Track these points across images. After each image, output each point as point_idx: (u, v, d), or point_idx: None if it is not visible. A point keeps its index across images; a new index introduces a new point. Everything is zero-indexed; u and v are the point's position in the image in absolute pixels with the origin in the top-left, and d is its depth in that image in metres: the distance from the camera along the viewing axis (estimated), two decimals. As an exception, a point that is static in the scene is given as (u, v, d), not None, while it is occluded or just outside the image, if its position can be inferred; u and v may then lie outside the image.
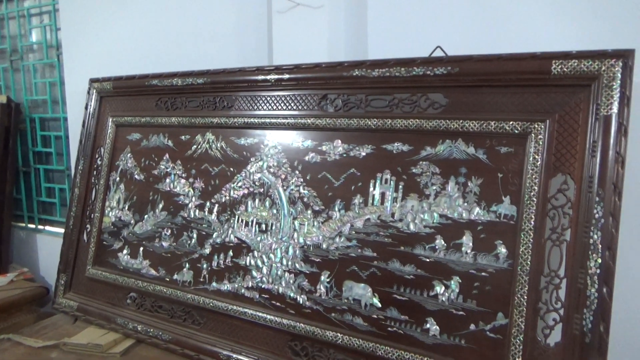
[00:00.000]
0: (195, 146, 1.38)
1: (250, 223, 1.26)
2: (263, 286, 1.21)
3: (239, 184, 1.29)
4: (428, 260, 1.02)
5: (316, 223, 1.16)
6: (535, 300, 0.90)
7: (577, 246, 0.88)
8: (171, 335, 1.30)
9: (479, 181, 0.98)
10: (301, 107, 1.20)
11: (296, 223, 1.19)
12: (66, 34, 1.93)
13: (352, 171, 1.12)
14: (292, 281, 1.17)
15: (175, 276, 1.36)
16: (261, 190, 1.25)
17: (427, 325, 1.00)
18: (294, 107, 1.21)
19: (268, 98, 1.26)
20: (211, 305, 1.27)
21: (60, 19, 1.95)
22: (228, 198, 1.30)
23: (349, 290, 1.09)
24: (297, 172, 1.20)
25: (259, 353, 1.18)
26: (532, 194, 0.92)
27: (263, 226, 1.24)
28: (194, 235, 1.35)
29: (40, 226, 2.27)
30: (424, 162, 1.04)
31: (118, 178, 1.53)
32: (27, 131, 2.21)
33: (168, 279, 1.37)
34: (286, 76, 1.20)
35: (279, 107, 1.24)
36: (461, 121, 1.00)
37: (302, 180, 1.19)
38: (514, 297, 0.91)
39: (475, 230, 0.98)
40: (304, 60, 1.20)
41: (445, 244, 1.00)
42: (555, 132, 0.91)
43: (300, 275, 1.16)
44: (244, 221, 1.27)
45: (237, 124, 1.30)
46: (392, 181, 1.07)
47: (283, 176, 1.22)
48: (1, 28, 2.26)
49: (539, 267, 0.90)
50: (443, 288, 1.00)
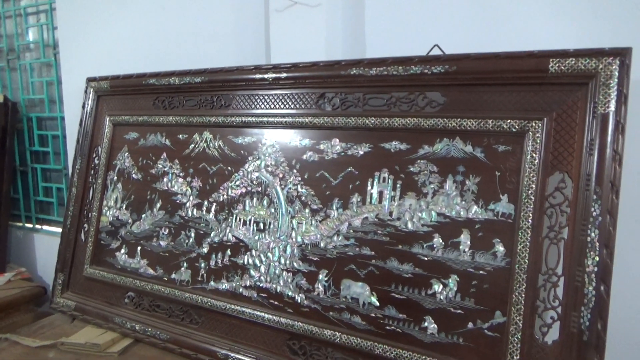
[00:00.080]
0: (192, 145, 1.38)
1: (248, 222, 1.26)
2: (261, 285, 1.21)
3: (237, 183, 1.29)
4: (426, 258, 1.02)
5: (314, 222, 1.16)
6: (533, 298, 0.90)
7: (575, 244, 0.88)
8: (169, 334, 1.29)
9: (477, 180, 0.98)
10: (299, 106, 1.20)
11: (294, 222, 1.19)
12: (63, 33, 1.92)
13: (350, 170, 1.12)
14: (290, 280, 1.17)
15: (173, 275, 1.36)
16: (259, 189, 1.25)
17: (425, 323, 1.00)
18: (292, 106, 1.21)
19: (266, 97, 1.26)
20: (209, 304, 1.26)
21: (57, 18, 1.94)
22: (226, 197, 1.30)
23: (347, 289, 1.09)
24: (295, 171, 1.20)
25: (257, 352, 1.18)
26: (530, 192, 0.92)
27: (261, 225, 1.24)
28: (192, 234, 1.34)
29: (37, 226, 2.26)
30: (422, 161, 1.04)
31: (115, 177, 1.53)
32: (24, 130, 2.20)
33: (166, 278, 1.37)
34: (284, 75, 1.20)
35: (277, 106, 1.24)
36: (459, 120, 1.00)
37: (300, 179, 1.19)
38: (512, 296, 0.92)
39: (473, 228, 0.98)
40: (302, 59, 1.20)
41: (443, 243, 1.00)
42: (552, 131, 0.91)
43: (298, 274, 1.16)
44: (242, 220, 1.27)
45: (235, 123, 1.29)
46: (390, 180, 1.07)
47: (281, 175, 1.22)
48: (-2, 27, 2.26)
49: (537, 265, 0.91)
50: (441, 286, 1.00)
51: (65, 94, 1.95)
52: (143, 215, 1.45)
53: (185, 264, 1.34)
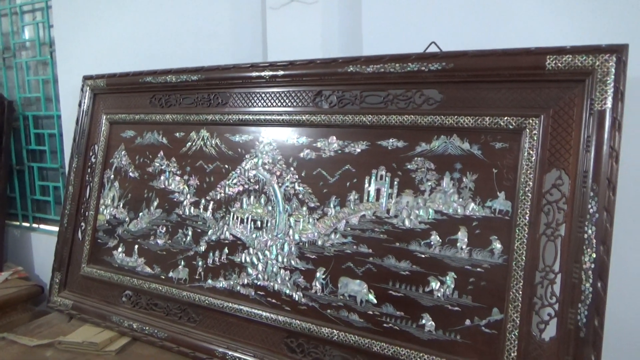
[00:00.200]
0: (189, 143, 1.38)
1: (245, 220, 1.26)
2: (258, 283, 1.21)
3: (234, 181, 1.28)
4: (423, 256, 1.02)
5: (311, 220, 1.15)
6: (530, 295, 0.90)
7: (572, 241, 0.88)
8: (167, 333, 1.29)
9: (474, 177, 0.98)
10: (296, 104, 1.20)
11: (291, 220, 1.18)
12: (59, 31, 1.91)
13: (347, 167, 1.12)
14: (288, 278, 1.17)
15: (170, 274, 1.36)
16: (256, 187, 1.25)
17: (423, 321, 1.00)
18: (289, 104, 1.21)
19: (262, 95, 1.25)
20: (207, 302, 1.26)
21: (53, 16, 1.94)
22: (223, 195, 1.30)
23: (345, 286, 1.09)
24: (292, 169, 1.19)
25: (255, 350, 1.18)
26: (527, 189, 0.92)
27: (258, 223, 1.23)
28: (189, 232, 1.34)
29: (34, 224, 2.26)
30: (419, 158, 1.04)
31: (112, 176, 1.52)
32: (21, 129, 2.19)
33: (163, 277, 1.37)
34: (280, 73, 1.19)
35: (274, 104, 1.23)
36: (456, 117, 0.99)
37: (297, 176, 1.19)
38: (509, 293, 0.92)
39: (470, 225, 0.98)
40: (299, 56, 1.19)
41: (440, 240, 1.00)
42: (549, 128, 0.91)
43: (295, 272, 1.16)
44: (239, 218, 1.27)
45: (232, 121, 1.29)
46: (387, 177, 1.07)
47: (278, 173, 1.22)
48: (-7, 25, 2.25)
49: (534, 262, 0.91)
50: (438, 284, 1.00)
51: (61, 92, 1.95)
52: (140, 213, 1.45)
53: (182, 263, 1.34)
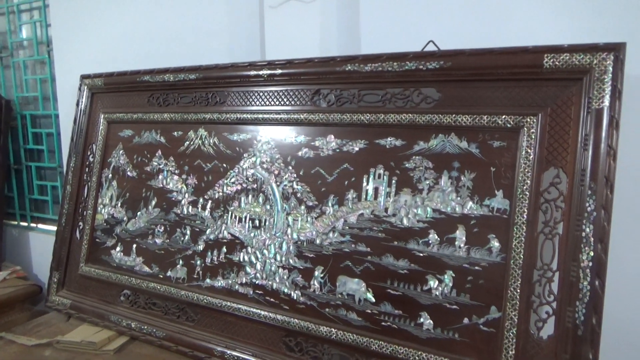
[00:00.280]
0: (187, 142, 1.38)
1: (243, 219, 1.26)
2: (257, 282, 1.21)
3: (232, 180, 1.28)
4: (421, 254, 1.02)
5: (310, 218, 1.15)
6: (528, 293, 0.90)
7: (570, 239, 0.88)
8: (165, 332, 1.29)
9: (472, 175, 0.98)
10: (294, 103, 1.20)
11: (290, 219, 1.18)
12: (56, 30, 1.91)
13: (345, 166, 1.12)
14: (286, 277, 1.17)
15: (168, 273, 1.36)
16: (254, 186, 1.25)
17: (421, 319, 1.00)
18: (287, 103, 1.21)
19: (261, 93, 1.25)
20: (205, 301, 1.26)
21: (50, 15, 1.93)
22: (221, 194, 1.30)
23: (343, 285, 1.09)
24: (291, 168, 1.19)
25: (253, 349, 1.18)
26: (525, 188, 0.92)
27: (256, 222, 1.23)
28: (188, 231, 1.34)
29: (32, 224, 2.25)
30: (417, 157, 1.04)
31: (110, 175, 1.52)
32: (18, 128, 2.18)
33: (162, 276, 1.37)
34: (279, 71, 1.19)
35: (272, 103, 1.23)
36: (454, 115, 0.99)
37: (296, 175, 1.18)
38: (507, 291, 0.92)
39: (468, 224, 0.98)
40: (297, 55, 1.19)
41: (438, 239, 1.00)
42: (547, 126, 0.91)
43: (294, 270, 1.16)
44: (238, 217, 1.26)
45: (230, 120, 1.29)
46: (386, 176, 1.07)
47: (276, 172, 1.21)
48: (-10, 24, 2.24)
49: (532, 261, 0.91)
50: (437, 282, 1.00)
51: (59, 92, 1.94)
52: (138, 212, 1.45)
53: (181, 262, 1.34)
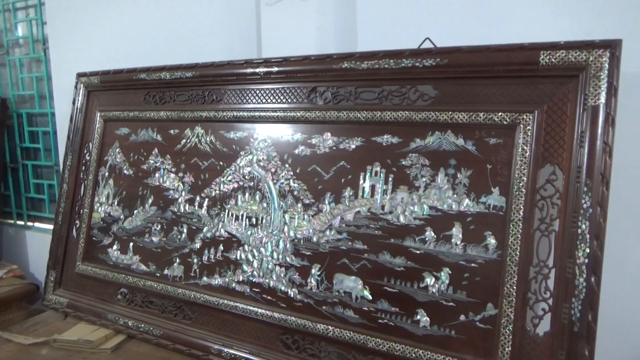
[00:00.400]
0: (184, 140, 1.37)
1: (240, 217, 1.25)
2: (254, 280, 1.21)
3: (229, 178, 1.28)
4: (418, 252, 1.02)
5: (306, 216, 1.15)
6: (524, 290, 0.91)
7: (566, 236, 0.88)
8: (162, 330, 1.29)
9: (468, 172, 0.98)
10: (290, 100, 1.20)
11: (286, 216, 1.18)
12: (52, 28, 1.90)
13: (342, 164, 1.12)
14: (283, 275, 1.17)
15: (165, 271, 1.35)
16: (251, 184, 1.25)
17: (418, 316, 1.01)
18: (283, 100, 1.21)
19: (257, 91, 1.25)
20: (202, 299, 1.26)
21: (46, 13, 1.92)
22: (218, 192, 1.30)
23: (340, 283, 1.09)
24: (287, 166, 1.19)
25: (251, 347, 1.18)
26: (521, 185, 0.92)
27: (253, 220, 1.23)
28: (184, 229, 1.34)
29: (29, 223, 2.25)
30: (414, 154, 1.04)
31: (107, 173, 1.52)
32: (15, 127, 2.18)
33: (158, 274, 1.37)
34: (275, 69, 1.19)
35: (268, 100, 1.23)
36: (450, 113, 0.99)
37: (292, 173, 1.18)
38: (504, 288, 0.92)
39: (464, 221, 0.98)
40: (293, 52, 1.19)
41: (435, 236, 1.00)
42: (543, 123, 0.91)
43: (291, 268, 1.16)
44: (234, 215, 1.26)
45: (226, 118, 1.29)
46: (382, 173, 1.07)
47: (273, 170, 1.21)
48: (-14, 22, 2.23)
49: (528, 258, 0.91)
50: (433, 279, 1.00)
51: (55, 90, 1.94)
52: (135, 211, 1.44)
53: (177, 260, 1.34)
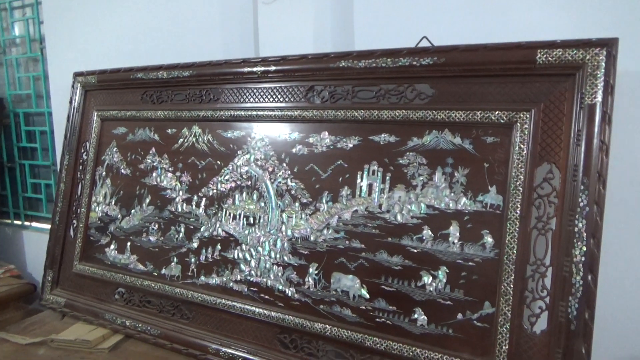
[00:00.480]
0: (181, 140, 1.37)
1: (238, 216, 1.25)
2: (251, 279, 1.21)
3: (226, 177, 1.28)
4: (415, 250, 1.02)
5: (304, 215, 1.15)
6: (521, 288, 0.91)
7: (563, 234, 0.88)
8: (160, 329, 1.29)
9: (466, 171, 0.99)
10: (288, 99, 1.20)
11: (284, 216, 1.18)
12: (49, 28, 1.90)
13: (340, 163, 1.12)
14: (281, 274, 1.17)
15: (163, 271, 1.35)
16: (249, 183, 1.24)
17: (415, 315, 1.01)
18: (281, 99, 1.21)
19: (254, 90, 1.25)
20: (200, 299, 1.26)
21: (43, 12, 1.92)
22: (215, 191, 1.30)
23: (337, 282, 1.09)
24: (285, 165, 1.19)
25: (248, 346, 1.18)
26: (518, 184, 0.92)
27: (251, 219, 1.23)
28: (182, 229, 1.34)
29: (26, 222, 2.24)
30: (411, 153, 1.04)
31: (104, 173, 1.52)
32: (12, 126, 2.17)
33: (156, 274, 1.36)
34: (272, 68, 1.19)
35: (266, 100, 1.23)
36: (447, 111, 0.99)
37: (290, 172, 1.18)
38: (501, 286, 0.92)
39: (462, 220, 0.98)
40: (290, 51, 1.19)
41: (432, 235, 1.01)
42: (540, 122, 0.91)
43: (288, 267, 1.16)
44: (232, 214, 1.26)
45: (224, 117, 1.28)
46: (380, 172, 1.07)
47: (270, 169, 1.21)
48: (-17, 22, 2.23)
49: (525, 256, 0.91)
50: (430, 278, 1.00)
51: (52, 89, 1.93)
52: (132, 210, 1.44)
53: (175, 259, 1.34)
